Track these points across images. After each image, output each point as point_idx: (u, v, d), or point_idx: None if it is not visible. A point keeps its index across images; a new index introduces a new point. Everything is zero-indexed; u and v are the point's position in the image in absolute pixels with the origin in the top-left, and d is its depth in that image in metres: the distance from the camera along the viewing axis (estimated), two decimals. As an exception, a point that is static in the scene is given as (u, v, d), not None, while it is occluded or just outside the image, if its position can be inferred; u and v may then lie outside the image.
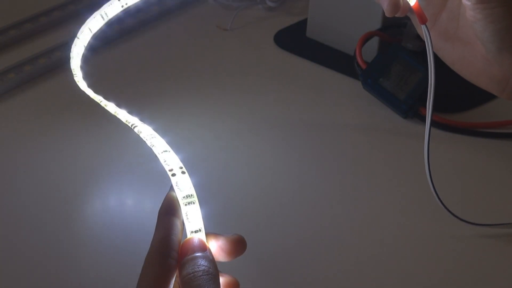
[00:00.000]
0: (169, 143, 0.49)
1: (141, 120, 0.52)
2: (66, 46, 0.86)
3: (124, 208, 0.68)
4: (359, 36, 0.81)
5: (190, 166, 0.48)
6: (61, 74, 0.84)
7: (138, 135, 0.50)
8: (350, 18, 0.86)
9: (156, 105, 0.80)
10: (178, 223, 0.48)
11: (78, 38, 0.53)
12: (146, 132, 0.50)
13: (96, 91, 0.55)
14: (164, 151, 0.48)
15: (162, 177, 0.48)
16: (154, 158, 0.48)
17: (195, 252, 0.47)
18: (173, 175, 0.47)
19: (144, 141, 0.50)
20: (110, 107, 0.54)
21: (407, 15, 0.58)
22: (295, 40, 0.92)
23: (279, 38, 0.92)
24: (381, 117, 0.80)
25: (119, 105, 0.54)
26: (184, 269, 0.46)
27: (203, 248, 0.47)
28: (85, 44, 0.53)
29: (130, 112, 0.53)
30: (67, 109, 0.79)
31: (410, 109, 0.78)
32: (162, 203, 0.48)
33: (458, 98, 0.82)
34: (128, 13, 0.92)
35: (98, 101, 0.54)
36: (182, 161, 0.48)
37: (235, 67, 0.88)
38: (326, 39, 0.90)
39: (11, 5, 0.95)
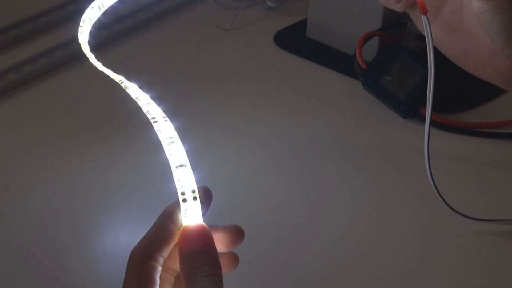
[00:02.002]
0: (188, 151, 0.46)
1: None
2: (66, 46, 0.86)
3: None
4: (359, 36, 0.81)
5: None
6: (61, 74, 0.84)
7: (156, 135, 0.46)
8: (350, 18, 0.86)
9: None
10: (176, 230, 0.45)
11: (81, 26, 0.52)
12: (166, 133, 0.46)
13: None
14: (180, 166, 0.45)
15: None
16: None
17: (196, 245, 0.44)
18: (184, 200, 0.45)
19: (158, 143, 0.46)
20: (131, 90, 0.50)
21: (407, 11, 0.58)
22: (295, 40, 0.92)
23: (279, 38, 0.92)
24: (381, 117, 0.80)
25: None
26: (185, 267, 0.44)
27: (205, 241, 0.44)
28: (88, 33, 0.53)
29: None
30: (68, 109, 0.79)
31: (410, 109, 0.78)
32: (168, 207, 0.46)
33: (458, 98, 0.82)
34: (127, 13, 0.93)
35: (119, 82, 0.50)
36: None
37: (235, 67, 0.88)
38: (326, 39, 0.90)
39: (11, 5, 0.95)
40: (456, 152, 0.76)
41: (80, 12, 0.51)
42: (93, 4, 0.52)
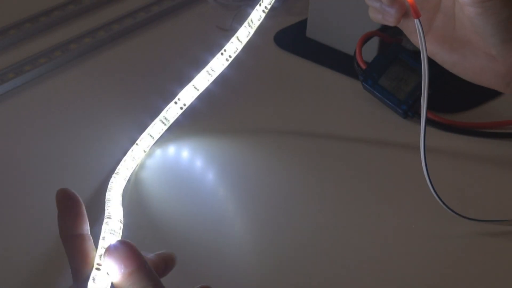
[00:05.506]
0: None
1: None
2: (66, 46, 0.86)
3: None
4: (359, 36, 0.81)
5: (183, 167, 0.48)
6: (61, 75, 0.84)
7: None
8: (350, 18, 0.86)
9: (153, 105, 0.80)
10: (88, 244, 0.46)
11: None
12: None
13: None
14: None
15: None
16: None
17: (129, 267, 0.44)
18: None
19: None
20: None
21: (399, 26, 0.58)
22: (295, 40, 0.92)
23: (279, 38, 0.92)
24: (381, 117, 0.80)
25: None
26: None
27: (136, 259, 0.44)
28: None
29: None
30: (67, 109, 0.79)
31: (410, 109, 0.78)
32: (61, 225, 0.47)
33: (458, 98, 0.82)
34: (127, 13, 0.93)
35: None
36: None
37: (235, 67, 0.87)
38: (326, 39, 0.90)
39: (11, 5, 0.95)
40: (456, 152, 0.76)
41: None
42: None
